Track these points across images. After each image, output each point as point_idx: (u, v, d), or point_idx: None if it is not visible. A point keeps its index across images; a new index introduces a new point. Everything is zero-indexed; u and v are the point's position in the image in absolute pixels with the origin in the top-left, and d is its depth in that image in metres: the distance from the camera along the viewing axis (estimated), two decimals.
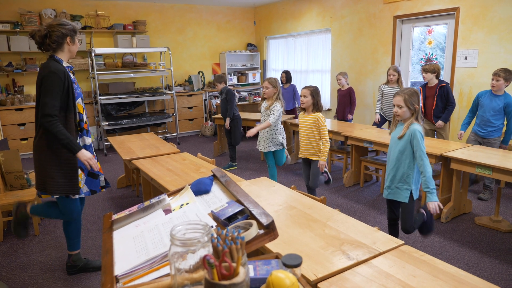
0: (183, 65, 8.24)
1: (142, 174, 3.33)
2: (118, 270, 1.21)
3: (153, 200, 1.60)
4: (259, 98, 7.86)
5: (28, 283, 2.80)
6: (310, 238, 1.78)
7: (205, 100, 8.19)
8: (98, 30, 7.07)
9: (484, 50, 4.74)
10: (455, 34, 5.00)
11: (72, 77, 2.55)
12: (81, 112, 2.62)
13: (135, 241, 1.35)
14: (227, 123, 5.38)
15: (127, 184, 4.93)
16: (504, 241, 3.24)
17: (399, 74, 4.99)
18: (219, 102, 6.23)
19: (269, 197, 2.33)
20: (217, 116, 6.07)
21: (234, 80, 8.68)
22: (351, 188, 4.67)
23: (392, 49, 5.84)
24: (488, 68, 4.64)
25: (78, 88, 2.62)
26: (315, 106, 3.45)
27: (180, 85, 8.14)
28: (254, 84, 8.84)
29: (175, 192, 1.77)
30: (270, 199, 2.28)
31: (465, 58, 4.93)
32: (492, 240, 3.27)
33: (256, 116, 5.89)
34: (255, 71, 8.84)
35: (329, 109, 7.10)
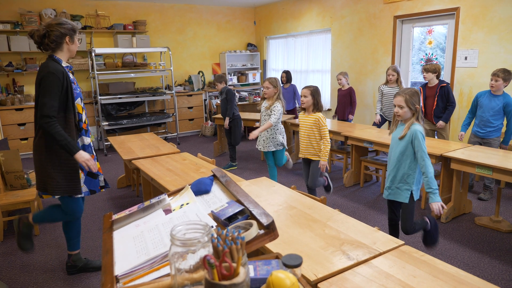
0: (183, 65, 8.24)
1: (142, 174, 3.33)
2: (118, 270, 1.21)
3: (153, 200, 1.60)
4: (259, 98, 7.85)
5: (28, 283, 2.80)
6: (310, 238, 1.78)
7: (205, 100, 8.19)
8: (98, 30, 7.07)
9: (484, 50, 4.74)
10: (455, 34, 5.00)
11: (71, 77, 2.54)
12: (80, 112, 2.61)
13: (135, 241, 1.35)
14: (226, 122, 5.37)
15: (127, 184, 4.93)
16: (504, 241, 3.23)
17: (398, 74, 4.99)
18: (219, 102, 6.23)
19: (269, 197, 2.33)
20: (217, 116, 6.07)
21: (234, 80, 8.68)
22: (351, 188, 4.67)
23: (392, 49, 5.84)
24: (488, 68, 4.64)
25: (78, 88, 2.62)
26: (315, 106, 3.45)
27: (180, 85, 8.14)
28: (254, 84, 8.84)
29: (175, 192, 1.77)
30: (270, 199, 2.28)
31: (465, 58, 4.93)
32: (492, 240, 3.27)
33: (256, 116, 5.89)
34: (255, 71, 8.83)
35: (329, 109, 7.10)
